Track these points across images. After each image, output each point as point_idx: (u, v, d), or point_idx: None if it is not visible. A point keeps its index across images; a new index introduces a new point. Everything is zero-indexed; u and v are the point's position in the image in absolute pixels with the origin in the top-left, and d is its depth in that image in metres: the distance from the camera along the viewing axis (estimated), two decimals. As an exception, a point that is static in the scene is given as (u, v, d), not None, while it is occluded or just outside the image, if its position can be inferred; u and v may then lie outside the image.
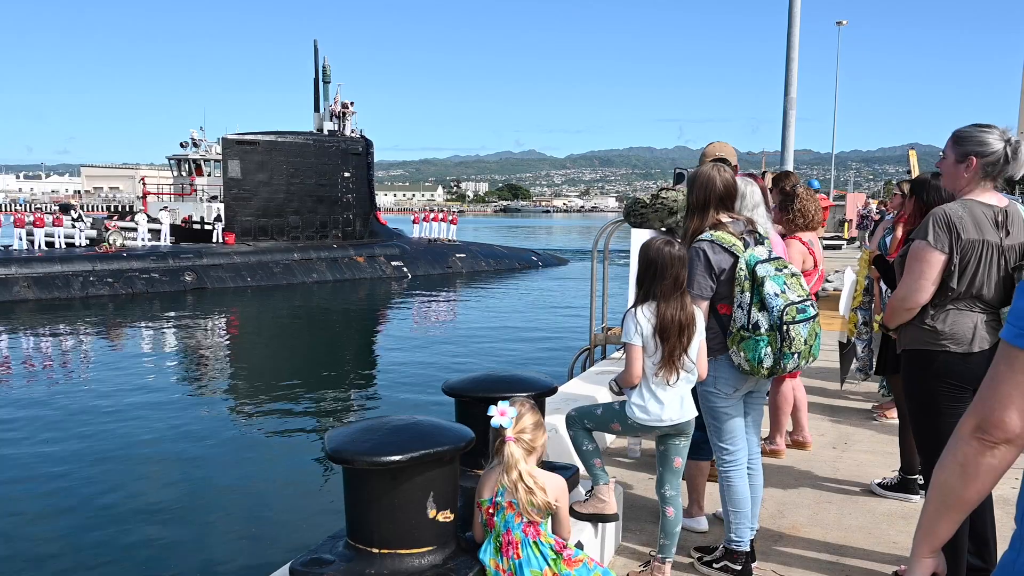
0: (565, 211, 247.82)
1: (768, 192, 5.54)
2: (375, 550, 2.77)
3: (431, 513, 2.79)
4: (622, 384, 3.61)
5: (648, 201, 5.12)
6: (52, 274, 28.83)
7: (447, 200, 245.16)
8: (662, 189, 5.22)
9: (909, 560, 1.69)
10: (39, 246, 33.15)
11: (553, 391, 3.89)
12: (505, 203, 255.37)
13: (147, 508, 9.32)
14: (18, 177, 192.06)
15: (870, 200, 39.19)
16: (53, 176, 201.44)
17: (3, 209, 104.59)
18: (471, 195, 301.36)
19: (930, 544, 1.63)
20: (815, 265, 5.45)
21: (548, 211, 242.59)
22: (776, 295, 3.49)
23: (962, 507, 1.56)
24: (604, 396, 5.80)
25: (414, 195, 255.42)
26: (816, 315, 3.63)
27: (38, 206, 72.13)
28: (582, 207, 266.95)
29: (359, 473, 2.78)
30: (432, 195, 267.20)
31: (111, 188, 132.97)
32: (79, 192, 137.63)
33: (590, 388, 6.06)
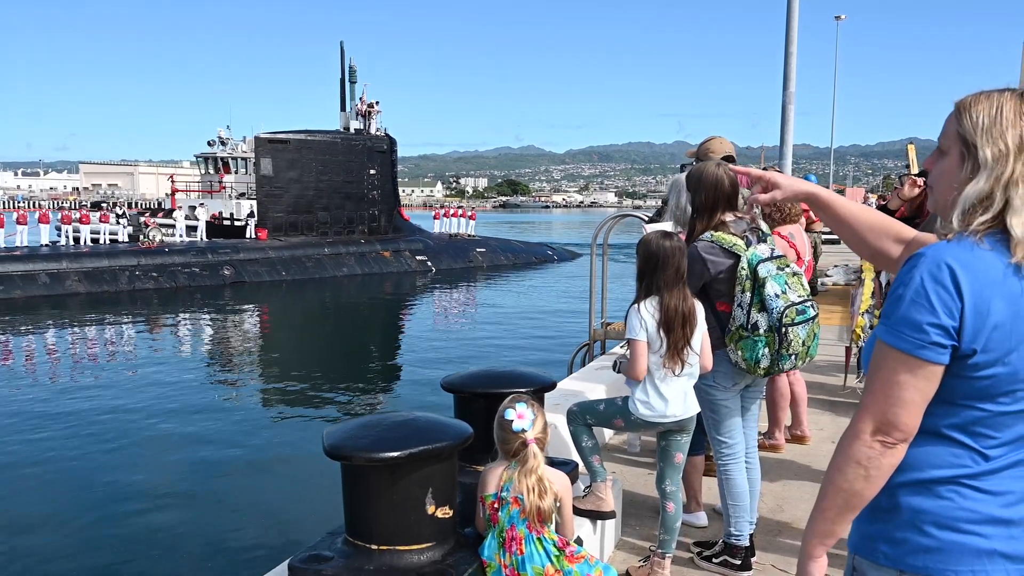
0: (564, 207, 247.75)
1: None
2: (374, 546, 2.76)
3: (430, 509, 2.78)
4: (627, 376, 3.61)
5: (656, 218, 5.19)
6: (100, 269, 29.77)
7: (446, 196, 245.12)
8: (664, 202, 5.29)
9: (800, 560, 1.72)
10: (84, 242, 34.35)
11: (552, 387, 3.88)
12: (504, 199, 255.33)
13: (148, 501, 9.36)
14: (16, 174, 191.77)
15: (869, 194, 39.16)
16: (52, 173, 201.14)
17: (2, 206, 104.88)
18: (470, 191, 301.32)
19: (827, 545, 1.68)
20: (798, 258, 5.44)
21: (547, 206, 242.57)
22: (777, 296, 3.48)
23: (862, 506, 1.62)
24: (603, 392, 5.80)
25: (413, 191, 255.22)
26: (816, 315, 3.62)
27: (82, 203, 73.80)
28: (581, 202, 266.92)
29: (357, 469, 2.77)
30: (431, 191, 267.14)
31: (109, 185, 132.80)
32: (77, 189, 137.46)
33: (589, 384, 6.05)
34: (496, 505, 2.91)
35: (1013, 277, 1.49)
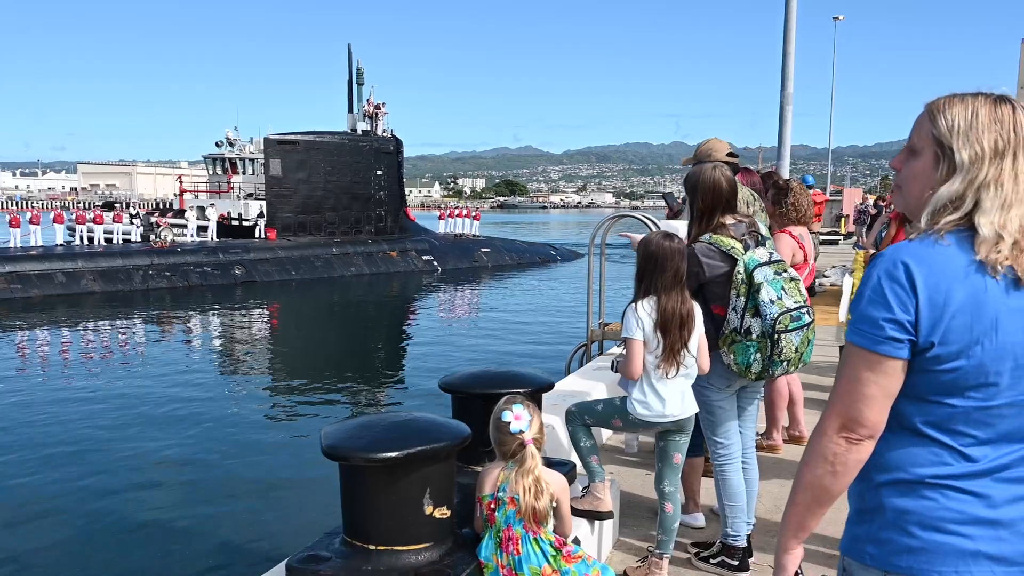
0: (562, 207, 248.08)
1: (762, 187, 5.54)
2: (372, 547, 2.77)
3: (428, 510, 2.79)
4: (622, 375, 3.61)
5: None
6: (115, 268, 30.21)
7: (444, 196, 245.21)
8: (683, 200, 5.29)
9: (776, 553, 1.76)
10: (98, 242, 34.78)
11: (550, 387, 3.89)
12: (502, 199, 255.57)
13: (147, 499, 9.37)
14: (14, 174, 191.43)
15: (867, 195, 39.21)
16: (49, 173, 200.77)
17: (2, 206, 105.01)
18: (468, 191, 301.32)
19: (799, 538, 1.73)
20: (805, 259, 5.46)
21: (545, 207, 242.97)
22: (771, 302, 3.47)
23: (831, 501, 1.65)
24: (601, 392, 5.80)
25: (411, 191, 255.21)
26: (811, 322, 3.61)
27: (92, 203, 74.30)
28: (579, 203, 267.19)
29: (355, 470, 2.78)
30: (429, 191, 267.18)
31: (107, 185, 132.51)
32: (75, 189, 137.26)
33: (587, 384, 6.06)
34: (493, 505, 2.91)
35: (976, 274, 1.51)
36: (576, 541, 3.16)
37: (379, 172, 40.33)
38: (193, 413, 13.19)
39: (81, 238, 34.94)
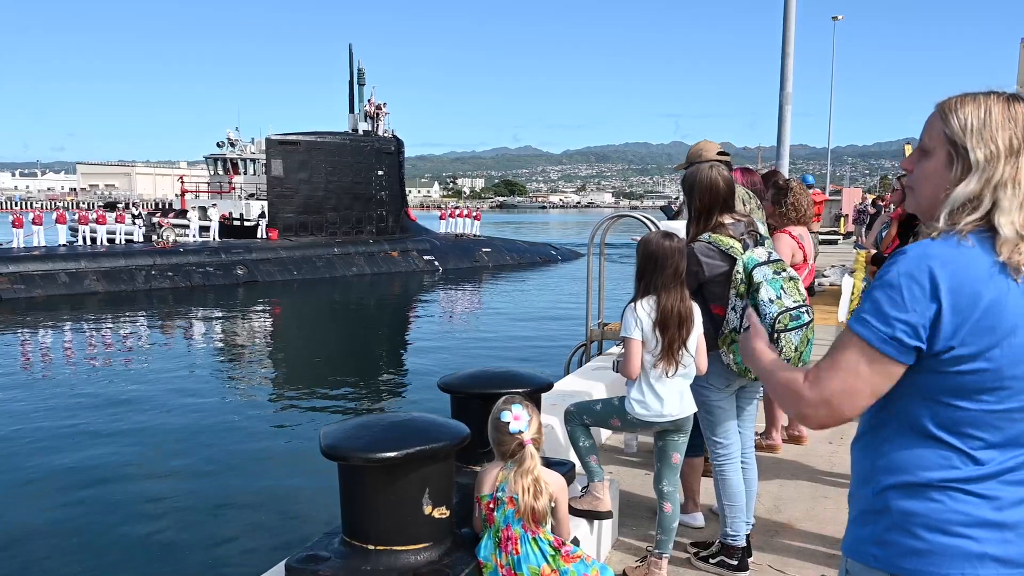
0: (562, 207, 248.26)
1: (763, 187, 5.54)
2: (371, 547, 2.77)
3: (427, 510, 2.79)
4: (623, 375, 3.61)
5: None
6: (118, 268, 30.31)
7: (443, 196, 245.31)
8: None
9: (748, 350, 1.92)
10: (101, 242, 34.99)
11: (548, 387, 3.88)
12: (502, 199, 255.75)
13: (145, 498, 9.36)
14: (14, 175, 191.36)
15: (867, 195, 39.24)
16: (49, 174, 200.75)
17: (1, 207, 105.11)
18: (467, 191, 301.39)
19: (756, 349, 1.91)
20: (804, 259, 5.46)
21: (544, 207, 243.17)
22: (771, 301, 3.47)
23: None
24: (600, 392, 5.80)
25: (410, 191, 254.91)
26: (810, 321, 3.61)
27: (92, 203, 74.74)
28: (578, 203, 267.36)
29: (354, 470, 2.78)
30: (428, 191, 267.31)
31: (107, 185, 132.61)
32: (75, 190, 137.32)
33: (586, 384, 6.06)
34: (492, 505, 2.91)
35: (999, 275, 1.49)
36: (575, 541, 3.16)
37: (380, 172, 40.46)
38: (193, 413, 13.21)
39: (84, 238, 35.16)
